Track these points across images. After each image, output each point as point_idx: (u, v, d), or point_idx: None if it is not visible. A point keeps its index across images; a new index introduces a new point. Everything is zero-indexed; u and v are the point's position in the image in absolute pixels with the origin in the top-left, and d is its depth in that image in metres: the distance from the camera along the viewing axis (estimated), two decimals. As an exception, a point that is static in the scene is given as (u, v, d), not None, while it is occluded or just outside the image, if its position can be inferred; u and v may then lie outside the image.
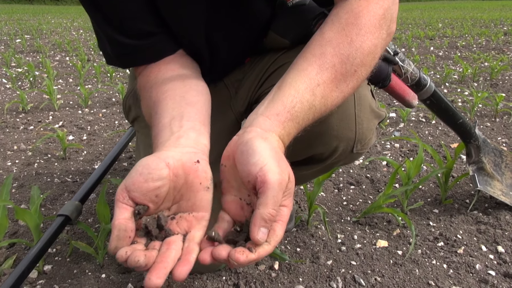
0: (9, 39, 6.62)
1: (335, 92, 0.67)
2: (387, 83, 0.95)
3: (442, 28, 8.23)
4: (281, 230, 0.56)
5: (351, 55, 0.66)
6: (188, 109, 0.72)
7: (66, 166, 1.67)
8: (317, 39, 0.69)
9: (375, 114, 0.91)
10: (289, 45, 0.92)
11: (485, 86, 3.14)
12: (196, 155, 0.63)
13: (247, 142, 0.58)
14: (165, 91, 0.75)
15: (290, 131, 0.63)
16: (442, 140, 1.99)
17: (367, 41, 0.67)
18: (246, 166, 0.57)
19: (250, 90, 0.97)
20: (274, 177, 0.55)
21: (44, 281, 0.96)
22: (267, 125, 0.61)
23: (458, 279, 0.97)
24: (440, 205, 1.34)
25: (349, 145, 0.87)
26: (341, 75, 0.66)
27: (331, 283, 0.95)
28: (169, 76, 0.78)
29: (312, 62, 0.66)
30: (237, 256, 0.53)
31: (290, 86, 0.64)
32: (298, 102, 0.63)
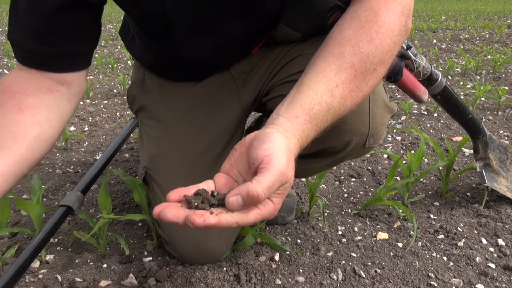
0: (11, 30, 6.60)
1: (354, 92, 0.66)
2: (399, 77, 0.95)
3: (445, 21, 8.18)
4: (253, 216, 0.54)
5: (371, 53, 0.65)
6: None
7: (68, 157, 1.67)
8: (336, 37, 0.68)
9: (388, 109, 0.91)
10: (300, 38, 0.91)
11: (488, 79, 3.13)
12: None
13: (267, 134, 0.59)
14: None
15: (309, 133, 0.63)
16: (443, 133, 1.98)
17: (386, 39, 0.66)
18: (257, 149, 0.57)
19: (260, 83, 0.97)
20: (278, 165, 0.54)
21: (46, 270, 0.97)
22: (287, 126, 0.61)
23: (458, 272, 0.98)
24: (441, 198, 1.34)
25: (362, 139, 0.87)
26: (361, 74, 0.65)
27: (331, 274, 0.96)
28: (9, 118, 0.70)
29: (331, 63, 0.65)
30: (193, 218, 0.51)
31: (309, 88, 0.64)
32: (316, 104, 0.62)
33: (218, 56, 0.92)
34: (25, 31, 0.72)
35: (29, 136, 0.71)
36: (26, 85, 0.73)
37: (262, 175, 0.53)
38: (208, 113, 0.96)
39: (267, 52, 0.95)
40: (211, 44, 0.88)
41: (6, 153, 0.68)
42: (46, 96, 0.74)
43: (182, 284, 0.91)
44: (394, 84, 0.98)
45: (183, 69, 0.96)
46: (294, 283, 0.93)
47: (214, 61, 0.94)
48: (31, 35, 0.72)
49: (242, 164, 0.60)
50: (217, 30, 0.86)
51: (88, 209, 1.25)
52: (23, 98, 0.72)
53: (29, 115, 0.71)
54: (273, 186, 0.53)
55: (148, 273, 0.94)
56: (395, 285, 0.93)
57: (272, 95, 0.94)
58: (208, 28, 0.85)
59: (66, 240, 1.09)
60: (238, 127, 0.99)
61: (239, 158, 0.61)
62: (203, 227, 0.51)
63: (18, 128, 0.70)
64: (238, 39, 0.90)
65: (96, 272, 0.96)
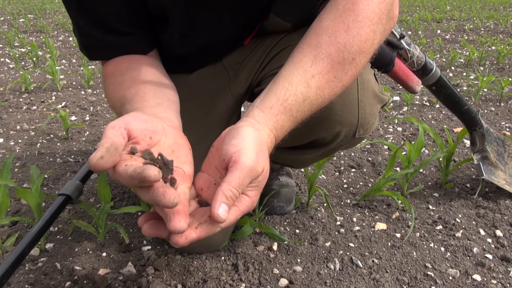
0: (13, 19, 6.59)
1: (333, 82, 0.65)
2: (390, 68, 0.94)
3: (450, 11, 8.10)
4: (233, 215, 0.55)
5: (348, 42, 0.65)
6: (170, 104, 0.73)
7: (69, 146, 1.68)
8: (315, 28, 0.68)
9: (378, 99, 0.90)
10: (291, 28, 0.90)
11: (491, 70, 3.11)
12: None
13: (238, 128, 0.59)
14: (145, 82, 0.74)
15: (284, 124, 0.63)
16: (445, 124, 1.98)
17: (364, 27, 0.66)
18: (227, 145, 0.58)
19: (252, 73, 0.97)
20: (247, 161, 0.55)
21: (45, 258, 0.98)
22: (260, 118, 0.61)
23: (455, 262, 0.98)
24: (440, 189, 1.34)
25: (352, 130, 0.87)
26: (339, 64, 0.65)
27: (329, 264, 0.96)
28: (144, 70, 0.78)
29: (307, 53, 0.65)
30: (176, 239, 0.52)
31: (285, 78, 0.64)
32: (291, 95, 0.63)
33: (210, 46, 0.92)
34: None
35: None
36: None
37: (231, 173, 0.54)
38: (200, 104, 0.96)
39: (259, 43, 0.95)
40: (204, 34, 0.88)
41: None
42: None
43: (180, 273, 0.91)
44: (386, 74, 0.97)
45: (175, 60, 0.95)
46: (292, 272, 0.94)
47: (207, 51, 0.93)
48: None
49: (219, 159, 0.61)
50: (210, 19, 0.85)
51: (88, 198, 1.26)
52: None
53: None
54: (243, 183, 0.54)
55: (146, 262, 0.94)
56: (392, 275, 0.93)
57: (262, 86, 0.94)
58: (201, 19, 0.85)
59: (66, 229, 1.10)
60: (231, 117, 1.00)
61: (216, 154, 0.62)
62: (187, 244, 0.53)
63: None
64: (231, 28, 0.89)
65: (95, 261, 0.97)
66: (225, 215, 0.52)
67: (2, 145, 1.68)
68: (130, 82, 0.75)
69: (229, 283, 0.89)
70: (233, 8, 0.84)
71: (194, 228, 0.54)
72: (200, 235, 0.54)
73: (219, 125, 0.97)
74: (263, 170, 0.57)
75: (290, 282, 0.90)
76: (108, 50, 0.82)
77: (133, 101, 0.70)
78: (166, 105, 0.70)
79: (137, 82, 0.74)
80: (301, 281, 0.91)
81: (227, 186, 0.53)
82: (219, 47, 0.94)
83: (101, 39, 0.79)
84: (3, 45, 4.11)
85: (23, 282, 0.89)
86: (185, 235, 0.53)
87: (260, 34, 0.95)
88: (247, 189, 0.56)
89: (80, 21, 0.78)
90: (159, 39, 0.90)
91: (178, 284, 0.88)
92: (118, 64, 0.80)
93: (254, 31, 0.93)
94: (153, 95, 0.72)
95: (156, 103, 0.70)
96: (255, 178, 0.56)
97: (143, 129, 0.57)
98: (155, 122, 0.60)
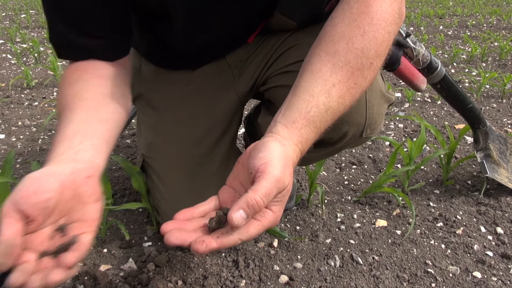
0: (14, 14, 6.59)
1: (353, 89, 0.65)
2: (396, 66, 0.94)
3: (453, 7, 8.07)
4: (255, 229, 0.54)
5: (366, 47, 0.64)
6: (97, 127, 0.68)
7: (70, 143, 1.68)
8: (330, 33, 0.67)
9: (385, 99, 0.90)
10: (296, 27, 0.90)
11: (494, 66, 3.10)
12: (88, 171, 0.60)
13: (264, 143, 0.59)
14: (82, 99, 0.71)
15: (308, 136, 0.63)
16: (446, 121, 1.97)
17: (380, 29, 0.65)
18: (254, 159, 0.57)
19: (256, 72, 0.96)
20: (274, 171, 0.54)
21: (47, 254, 0.98)
22: (285, 133, 0.61)
23: (456, 259, 0.98)
24: (441, 186, 1.34)
25: (359, 130, 0.87)
26: (358, 71, 0.65)
27: (329, 261, 0.96)
28: (93, 83, 0.74)
29: (326, 62, 0.64)
30: (196, 247, 0.53)
31: (305, 90, 0.63)
32: (313, 107, 0.62)
33: (213, 44, 0.92)
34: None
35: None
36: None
37: (258, 183, 0.53)
38: (204, 101, 0.96)
39: (264, 41, 0.95)
40: (207, 31, 0.88)
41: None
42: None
43: (180, 269, 0.92)
44: (391, 72, 0.97)
45: (178, 57, 0.95)
46: (292, 269, 0.94)
47: (210, 49, 0.93)
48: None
49: (244, 175, 0.61)
50: (212, 17, 0.85)
51: (89, 195, 1.26)
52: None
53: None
54: (270, 193, 0.54)
55: (147, 258, 0.95)
56: (392, 272, 0.93)
57: (269, 85, 0.94)
58: (203, 16, 0.84)
59: (67, 225, 1.10)
60: (235, 115, 0.99)
61: (241, 169, 0.62)
62: (207, 252, 0.53)
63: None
64: (234, 26, 0.89)
65: (96, 257, 0.97)
66: (240, 221, 0.52)
67: (4, 141, 1.68)
68: (69, 99, 0.71)
69: (229, 279, 0.89)
70: (236, 5, 0.84)
71: (216, 238, 0.54)
72: (220, 246, 0.54)
73: (222, 123, 0.97)
74: (288, 184, 0.57)
75: (290, 279, 0.91)
76: (75, 51, 0.77)
77: (59, 133, 0.66)
78: (89, 144, 0.64)
79: (74, 100, 0.70)
80: (301, 278, 0.91)
81: (252, 194, 0.52)
82: (222, 45, 0.93)
83: (71, 40, 0.75)
84: (5, 40, 4.12)
85: (25, 278, 0.89)
86: (205, 243, 0.53)
87: (265, 32, 0.94)
88: (271, 203, 0.55)
89: (53, 17, 0.75)
90: (159, 36, 0.90)
91: (179, 280, 0.89)
92: (73, 72, 0.76)
93: (258, 29, 0.92)
94: (80, 120, 0.67)
95: (75, 133, 0.65)
96: (281, 191, 0.56)
97: (34, 203, 0.52)
98: (47, 183, 0.54)
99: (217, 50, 0.95)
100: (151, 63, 1.00)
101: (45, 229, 0.55)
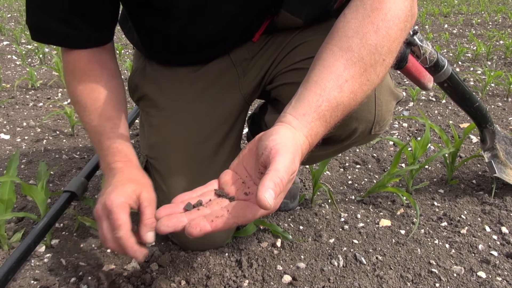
0: (20, 16, 6.62)
1: (365, 86, 0.65)
2: (404, 64, 0.93)
3: (458, 5, 8.02)
4: (251, 213, 0.56)
5: (379, 44, 0.64)
6: (122, 120, 0.86)
7: (74, 143, 1.69)
8: (343, 28, 0.66)
9: (393, 95, 0.90)
10: (302, 25, 0.90)
11: (499, 65, 3.08)
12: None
13: (275, 128, 0.59)
14: (93, 100, 0.84)
15: (318, 130, 0.62)
16: (451, 119, 1.96)
17: (393, 26, 0.65)
18: (265, 141, 0.57)
19: (262, 70, 0.96)
20: (288, 153, 0.54)
21: (51, 254, 0.98)
22: (295, 124, 0.61)
23: (460, 259, 0.97)
24: (446, 185, 1.33)
25: (368, 126, 0.86)
26: (371, 67, 0.64)
27: (332, 261, 0.96)
28: (93, 75, 0.84)
29: (339, 57, 0.64)
30: (190, 231, 0.54)
31: (316, 84, 0.63)
32: (324, 101, 0.62)
33: (217, 37, 0.91)
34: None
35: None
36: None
37: (275, 163, 0.53)
38: (208, 102, 0.95)
39: (269, 40, 0.94)
40: (210, 23, 0.87)
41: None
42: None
43: (184, 269, 0.92)
44: (399, 70, 0.96)
45: (181, 51, 0.95)
46: (295, 269, 0.94)
47: (213, 42, 0.93)
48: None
49: (249, 160, 0.62)
50: (216, 8, 0.85)
51: (93, 195, 1.27)
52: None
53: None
54: (288, 172, 0.54)
55: (150, 258, 0.95)
56: (396, 272, 0.93)
57: (276, 83, 0.94)
58: (207, 7, 0.84)
59: (71, 225, 1.11)
60: (240, 115, 0.99)
61: (247, 154, 0.63)
62: (201, 235, 0.54)
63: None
64: (237, 18, 0.88)
65: (100, 257, 0.97)
66: (272, 201, 0.51)
67: (9, 142, 1.69)
68: (84, 104, 0.85)
69: (232, 279, 0.89)
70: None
71: (210, 222, 0.54)
72: (215, 229, 0.54)
73: (227, 122, 0.97)
74: (295, 172, 0.57)
75: (294, 279, 0.90)
76: (54, 38, 0.82)
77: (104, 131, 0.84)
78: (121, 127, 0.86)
79: (88, 108, 0.84)
80: (305, 278, 0.91)
81: (275, 173, 0.52)
82: (225, 38, 0.93)
83: (48, 25, 0.79)
84: (10, 42, 4.14)
85: (29, 277, 0.90)
86: (200, 227, 0.54)
87: (270, 31, 0.94)
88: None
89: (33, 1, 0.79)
90: (160, 28, 0.90)
91: (182, 280, 0.89)
92: (76, 62, 0.84)
93: (263, 26, 0.92)
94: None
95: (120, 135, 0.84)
96: (291, 174, 0.55)
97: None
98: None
99: (220, 44, 0.94)
100: (155, 62, 1.00)
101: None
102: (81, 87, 0.84)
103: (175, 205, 0.61)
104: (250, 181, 0.62)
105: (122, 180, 0.77)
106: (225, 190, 0.63)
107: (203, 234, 0.54)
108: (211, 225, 0.54)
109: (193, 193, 0.63)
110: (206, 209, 0.60)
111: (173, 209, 0.60)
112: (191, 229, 0.54)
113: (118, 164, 0.81)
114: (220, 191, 0.63)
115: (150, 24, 0.91)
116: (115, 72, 0.89)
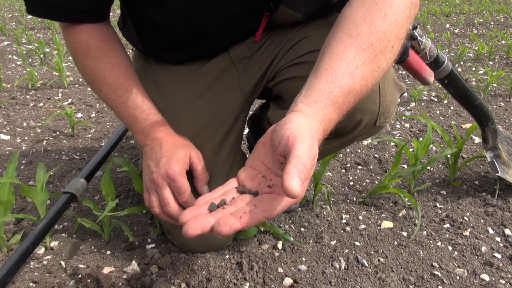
0: (20, 16, 6.62)
1: (376, 72, 0.65)
2: (405, 58, 0.93)
3: (459, 4, 8.00)
4: (280, 205, 0.55)
5: (387, 30, 0.65)
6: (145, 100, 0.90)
7: (74, 143, 1.68)
8: (350, 16, 0.66)
9: (397, 87, 0.90)
10: (302, 20, 0.89)
11: (501, 65, 3.06)
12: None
13: (288, 118, 0.58)
14: (116, 75, 0.87)
15: (331, 116, 0.62)
16: (453, 120, 1.95)
17: (400, 13, 0.66)
18: (280, 131, 0.56)
19: (263, 68, 0.95)
20: (306, 139, 0.54)
21: (50, 256, 0.98)
22: (308, 111, 0.60)
23: (463, 261, 0.96)
24: (448, 186, 1.32)
25: (373, 118, 0.86)
26: (381, 53, 0.65)
27: (334, 263, 0.95)
28: (109, 50, 0.86)
29: (349, 44, 0.64)
30: (219, 229, 0.52)
31: (327, 72, 0.62)
32: (336, 87, 0.61)
33: (212, 28, 0.90)
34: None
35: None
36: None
37: (296, 150, 0.52)
38: (209, 102, 0.95)
39: (269, 37, 0.94)
40: (203, 13, 0.86)
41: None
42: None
43: (184, 271, 0.91)
44: (399, 64, 0.95)
45: (176, 45, 0.94)
46: (296, 271, 0.93)
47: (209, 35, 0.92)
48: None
49: (265, 153, 0.61)
50: (210, 2, 0.84)
51: (93, 196, 1.26)
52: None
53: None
54: (310, 157, 0.53)
55: (150, 261, 0.94)
56: (398, 275, 0.92)
57: (278, 79, 0.93)
58: (201, 2, 0.83)
59: (71, 226, 1.10)
60: (240, 114, 0.98)
61: (262, 148, 0.62)
62: (232, 233, 0.52)
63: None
64: (233, 10, 0.87)
65: (99, 259, 0.97)
66: (299, 188, 0.49)
67: (9, 142, 1.68)
68: (110, 81, 0.87)
69: (233, 282, 0.88)
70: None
71: (239, 218, 0.53)
72: (244, 226, 0.53)
73: (227, 122, 0.96)
74: (315, 157, 0.55)
75: (295, 281, 0.89)
76: (66, 13, 0.81)
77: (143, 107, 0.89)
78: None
79: (129, 80, 0.88)
80: (306, 280, 0.90)
81: (298, 160, 0.51)
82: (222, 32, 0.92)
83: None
84: (11, 42, 4.13)
85: (28, 280, 0.89)
86: (229, 225, 0.52)
87: (269, 28, 0.93)
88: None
89: None
90: (154, 22, 0.89)
91: (182, 283, 0.88)
92: (90, 40, 0.85)
93: (263, 24, 0.91)
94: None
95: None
96: (312, 160, 0.54)
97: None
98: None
99: (217, 38, 0.93)
100: (155, 62, 0.99)
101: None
102: (101, 65, 0.85)
103: (199, 207, 0.59)
104: (270, 174, 0.61)
105: (171, 148, 0.84)
106: (246, 186, 0.62)
107: (233, 232, 0.52)
108: (240, 221, 0.52)
109: (214, 194, 0.62)
110: (231, 207, 0.58)
111: (197, 211, 0.58)
112: (220, 228, 0.52)
113: (160, 134, 0.87)
114: (242, 188, 0.62)
115: (144, 15, 0.90)
116: (123, 45, 0.91)
